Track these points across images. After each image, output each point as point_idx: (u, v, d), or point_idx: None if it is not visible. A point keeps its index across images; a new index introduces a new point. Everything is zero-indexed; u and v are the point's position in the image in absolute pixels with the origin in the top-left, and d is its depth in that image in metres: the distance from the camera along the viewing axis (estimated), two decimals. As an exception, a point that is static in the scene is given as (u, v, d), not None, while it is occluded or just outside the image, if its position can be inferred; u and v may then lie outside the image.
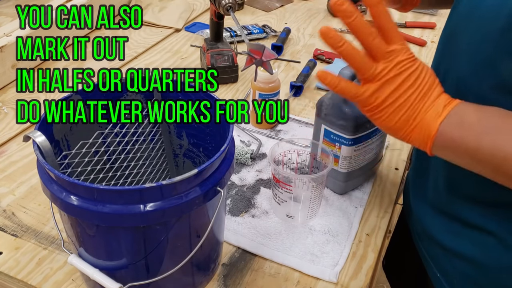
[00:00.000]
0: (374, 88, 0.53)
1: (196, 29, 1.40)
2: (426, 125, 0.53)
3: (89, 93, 0.64)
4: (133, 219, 0.50)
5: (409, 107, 0.53)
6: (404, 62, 0.53)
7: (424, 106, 0.53)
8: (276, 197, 0.76)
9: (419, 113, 0.53)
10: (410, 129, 0.54)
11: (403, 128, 0.54)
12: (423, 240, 0.74)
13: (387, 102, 0.54)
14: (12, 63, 1.10)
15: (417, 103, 0.53)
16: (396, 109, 0.54)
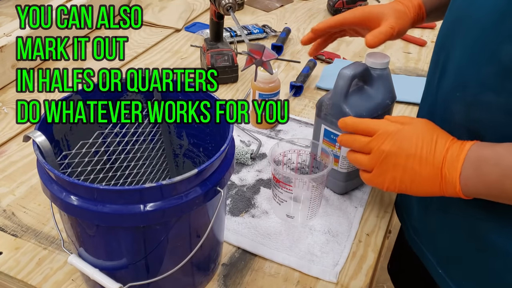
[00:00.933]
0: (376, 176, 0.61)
1: (196, 29, 1.40)
2: (450, 181, 0.56)
3: (89, 93, 0.64)
4: (133, 219, 0.50)
5: (414, 170, 0.58)
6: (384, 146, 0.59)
7: (435, 164, 0.56)
8: (276, 197, 0.76)
9: (437, 172, 0.56)
10: (440, 187, 0.57)
11: (435, 191, 0.58)
12: (419, 234, 0.75)
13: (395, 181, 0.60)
14: (12, 63, 1.10)
15: (420, 165, 0.57)
16: (407, 181, 0.59)
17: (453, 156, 0.56)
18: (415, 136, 0.59)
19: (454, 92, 0.60)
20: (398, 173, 0.59)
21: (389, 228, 0.80)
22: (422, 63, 1.26)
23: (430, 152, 0.57)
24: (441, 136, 0.58)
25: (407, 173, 0.58)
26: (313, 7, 1.58)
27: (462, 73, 0.59)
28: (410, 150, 0.58)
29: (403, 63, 1.26)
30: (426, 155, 0.57)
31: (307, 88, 1.13)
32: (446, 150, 0.56)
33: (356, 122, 0.64)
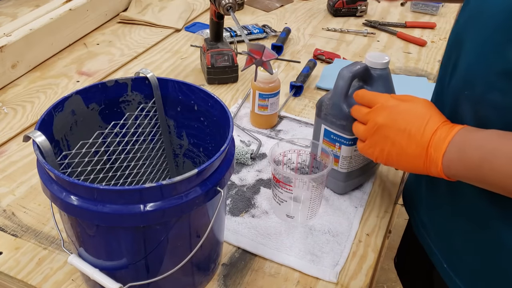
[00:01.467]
0: (367, 146, 0.65)
1: (196, 29, 1.40)
2: (434, 160, 0.57)
3: (89, 93, 0.64)
4: (133, 219, 0.50)
5: (401, 146, 0.60)
6: (379, 118, 0.62)
7: (422, 142, 0.58)
8: (276, 197, 0.76)
9: (422, 150, 0.58)
10: (425, 166, 0.59)
11: (419, 168, 0.60)
12: (427, 229, 0.74)
13: (383, 153, 0.63)
14: (12, 63, 1.10)
15: (408, 142, 0.59)
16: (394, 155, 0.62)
17: (440, 137, 0.57)
18: (409, 113, 0.60)
19: (463, 91, 0.60)
20: (386, 146, 0.62)
21: (389, 228, 0.80)
22: (422, 63, 1.26)
23: (419, 130, 0.59)
24: (434, 117, 0.59)
25: (394, 147, 0.61)
26: (313, 7, 1.58)
27: (471, 71, 0.59)
28: (401, 125, 0.60)
29: (403, 63, 1.26)
30: (415, 132, 0.59)
31: (307, 88, 1.13)
32: (435, 130, 0.58)
33: (363, 94, 0.67)
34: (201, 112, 0.67)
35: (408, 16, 1.55)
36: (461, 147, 0.55)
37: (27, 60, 1.14)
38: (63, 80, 1.13)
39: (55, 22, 1.21)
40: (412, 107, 0.61)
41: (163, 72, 1.18)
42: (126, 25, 1.41)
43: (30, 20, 1.18)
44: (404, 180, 0.89)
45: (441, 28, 1.47)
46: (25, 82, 1.12)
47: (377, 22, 1.46)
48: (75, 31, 1.29)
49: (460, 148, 0.55)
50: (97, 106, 0.66)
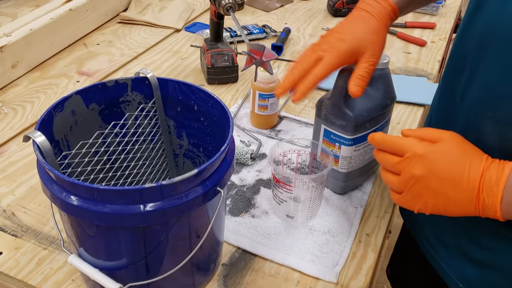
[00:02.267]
0: (406, 199, 0.58)
1: (196, 29, 1.40)
2: (489, 207, 0.53)
3: (89, 93, 0.64)
4: (133, 219, 0.50)
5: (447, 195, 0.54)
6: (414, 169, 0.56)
7: (470, 188, 0.53)
8: (276, 197, 0.76)
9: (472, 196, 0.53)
10: (477, 210, 0.54)
11: (470, 213, 0.55)
12: (435, 248, 0.71)
13: (427, 205, 0.56)
14: (12, 63, 1.10)
15: (454, 189, 0.54)
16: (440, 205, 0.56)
17: (491, 181, 0.52)
18: (446, 158, 0.55)
19: (485, 112, 0.57)
20: (430, 198, 0.56)
21: (389, 228, 0.80)
22: (422, 63, 1.26)
23: (463, 175, 0.54)
24: (475, 157, 0.55)
25: (440, 198, 0.55)
26: (313, 7, 1.58)
27: (495, 91, 0.56)
28: (441, 174, 0.54)
29: (403, 63, 1.26)
30: (459, 179, 0.54)
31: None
32: (482, 172, 0.53)
33: (383, 140, 0.60)
34: (201, 112, 0.67)
35: (408, 16, 1.55)
36: None
37: (27, 60, 1.14)
38: (63, 80, 1.13)
39: (55, 22, 1.21)
40: (446, 149, 0.56)
41: (163, 72, 1.18)
42: (126, 25, 1.41)
43: (30, 20, 1.18)
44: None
45: (441, 28, 1.47)
46: (25, 82, 1.12)
47: (377, 22, 1.46)
48: (75, 31, 1.29)
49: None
50: (97, 106, 0.66)
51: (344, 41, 0.66)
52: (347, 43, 0.65)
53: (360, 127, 0.75)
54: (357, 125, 0.74)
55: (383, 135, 0.61)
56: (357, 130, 0.75)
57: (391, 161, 0.58)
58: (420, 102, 1.07)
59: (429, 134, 0.58)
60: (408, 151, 0.56)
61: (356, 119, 0.73)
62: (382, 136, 0.61)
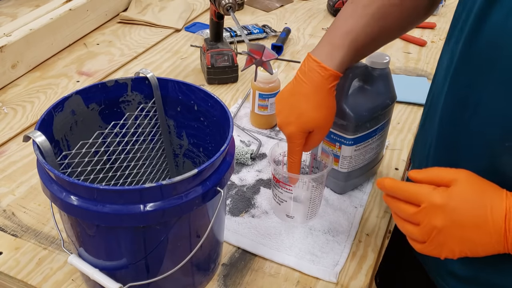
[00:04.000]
0: (430, 248, 0.55)
1: (196, 29, 1.40)
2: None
3: (89, 93, 0.64)
4: (133, 219, 0.50)
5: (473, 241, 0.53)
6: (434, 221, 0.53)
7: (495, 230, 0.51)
8: (276, 197, 0.76)
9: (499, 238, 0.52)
10: (506, 250, 0.52)
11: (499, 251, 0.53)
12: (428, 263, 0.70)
13: (454, 252, 0.54)
14: (12, 63, 1.10)
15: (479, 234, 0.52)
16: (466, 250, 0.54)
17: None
18: (466, 204, 0.53)
19: (502, 141, 0.54)
20: (456, 246, 0.54)
21: (389, 228, 0.80)
22: (422, 63, 1.26)
23: (488, 218, 0.51)
24: (494, 196, 0.52)
25: (466, 245, 0.53)
26: (313, 7, 1.58)
27: (509, 120, 0.53)
28: (464, 222, 0.52)
29: (403, 63, 1.26)
30: (483, 223, 0.51)
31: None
32: (505, 213, 0.51)
33: (395, 187, 0.57)
34: (201, 112, 0.67)
35: (408, 16, 1.55)
36: None
37: (27, 60, 1.14)
38: (63, 80, 1.13)
39: (55, 22, 1.21)
40: (464, 194, 0.53)
41: (163, 72, 1.18)
42: (126, 25, 1.41)
43: (30, 20, 1.18)
44: (403, 180, 0.89)
45: (441, 28, 1.47)
46: (25, 82, 1.12)
47: (377, 22, 1.46)
48: (75, 31, 1.29)
49: None
50: (97, 106, 0.66)
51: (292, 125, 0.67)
52: (295, 126, 0.66)
53: (361, 127, 0.75)
54: (357, 125, 0.74)
55: (394, 181, 0.58)
56: (357, 130, 0.75)
57: (408, 211, 0.55)
58: (420, 102, 1.07)
59: (441, 176, 0.56)
60: (424, 201, 0.54)
61: (356, 119, 0.73)
62: (393, 183, 0.57)
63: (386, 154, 0.93)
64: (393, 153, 0.93)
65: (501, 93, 0.53)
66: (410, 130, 1.00)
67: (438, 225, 0.53)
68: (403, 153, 0.93)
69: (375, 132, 0.78)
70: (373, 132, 0.77)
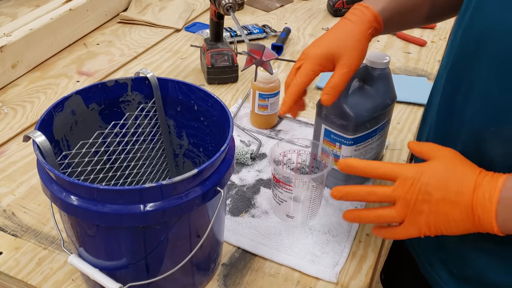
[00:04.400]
0: (408, 226, 0.56)
1: (196, 29, 1.40)
2: (486, 223, 0.52)
3: (89, 93, 0.64)
4: (133, 219, 0.50)
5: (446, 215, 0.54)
6: (410, 195, 0.55)
7: (465, 205, 0.53)
8: (276, 197, 0.76)
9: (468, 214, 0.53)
10: (475, 227, 0.53)
11: (470, 230, 0.54)
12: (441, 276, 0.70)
13: (430, 227, 0.55)
14: (12, 63, 1.10)
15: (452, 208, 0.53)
16: (441, 225, 0.55)
17: (485, 196, 0.51)
18: (439, 177, 0.54)
19: (488, 127, 0.55)
20: (431, 220, 0.55)
21: (389, 228, 0.80)
22: (422, 63, 1.26)
23: (458, 192, 0.53)
24: (467, 173, 0.54)
25: (440, 218, 0.54)
26: (313, 7, 1.58)
27: (497, 106, 0.54)
28: (437, 194, 0.54)
29: (403, 63, 1.26)
30: (454, 197, 0.53)
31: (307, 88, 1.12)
32: (474, 189, 0.52)
33: (369, 167, 0.58)
34: (201, 112, 0.67)
35: (408, 16, 1.55)
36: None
37: (27, 60, 1.14)
38: (63, 80, 1.13)
39: (55, 22, 1.21)
40: (438, 169, 0.55)
41: (163, 72, 1.18)
42: (126, 25, 1.41)
43: (30, 20, 1.18)
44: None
45: (441, 28, 1.47)
46: (25, 82, 1.12)
47: (377, 22, 1.46)
48: (75, 31, 1.29)
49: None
50: (97, 106, 0.66)
51: (318, 47, 0.66)
52: (321, 48, 0.66)
53: (361, 127, 0.75)
54: (357, 125, 0.74)
55: (365, 161, 0.60)
56: (357, 130, 0.75)
57: (385, 193, 0.57)
58: (420, 102, 1.07)
59: (430, 151, 0.58)
60: (399, 176, 0.56)
61: (356, 119, 0.73)
62: (365, 162, 0.59)
63: (386, 154, 0.93)
64: (393, 153, 0.93)
65: (491, 78, 0.54)
66: (410, 130, 1.00)
67: (412, 199, 0.55)
68: (403, 153, 0.93)
69: (375, 132, 0.78)
70: (373, 132, 0.77)
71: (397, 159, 0.92)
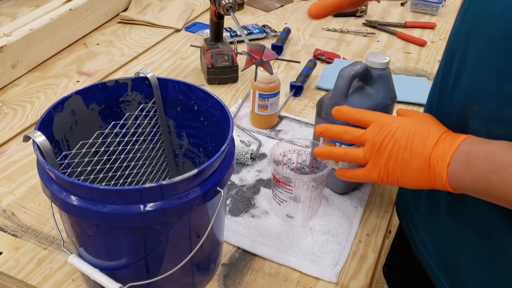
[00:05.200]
0: (370, 167, 0.61)
1: (196, 29, 1.40)
2: (438, 173, 0.55)
3: (89, 93, 0.64)
4: (133, 219, 0.50)
5: (405, 161, 0.58)
6: (378, 137, 0.60)
7: (424, 155, 0.56)
8: (276, 197, 0.76)
9: (425, 163, 0.56)
10: (429, 179, 0.56)
11: (424, 182, 0.57)
12: (432, 256, 0.71)
13: (388, 171, 0.59)
14: (12, 63, 1.10)
15: (411, 156, 0.57)
16: (398, 171, 0.59)
17: (444, 149, 0.55)
18: (409, 128, 0.59)
19: (472, 107, 0.57)
20: (390, 164, 0.59)
21: (389, 228, 0.80)
22: (422, 63, 1.26)
23: (420, 143, 0.57)
24: (434, 128, 0.58)
25: (398, 164, 0.58)
26: (313, 7, 1.58)
27: (480, 86, 0.55)
28: (401, 141, 0.58)
29: (403, 63, 1.26)
30: (416, 146, 0.57)
31: (307, 88, 1.13)
32: (436, 141, 0.56)
33: (350, 112, 0.64)
34: (201, 112, 0.67)
35: (408, 16, 1.55)
36: (468, 159, 0.53)
37: (27, 60, 1.14)
38: (63, 80, 1.13)
39: (55, 22, 1.21)
40: (410, 121, 0.59)
41: (163, 72, 1.18)
42: (126, 25, 1.41)
43: (30, 20, 1.18)
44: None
45: (441, 28, 1.47)
46: (25, 82, 1.12)
47: (377, 22, 1.46)
48: (75, 31, 1.29)
49: (466, 160, 0.53)
50: (97, 106, 0.66)
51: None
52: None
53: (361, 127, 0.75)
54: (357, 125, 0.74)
55: (350, 108, 0.65)
56: (357, 130, 0.75)
57: (357, 133, 0.62)
58: (420, 102, 1.07)
59: (402, 110, 0.65)
60: (374, 121, 0.61)
61: (356, 119, 0.73)
62: (350, 109, 0.64)
63: (386, 154, 0.93)
64: (393, 153, 0.93)
65: (480, 58, 0.55)
66: (410, 130, 1.00)
67: (379, 140, 0.60)
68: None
69: (375, 132, 0.78)
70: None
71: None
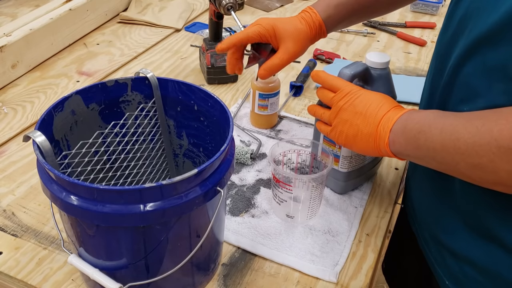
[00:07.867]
0: (331, 128, 0.69)
1: (196, 29, 1.40)
2: (382, 136, 0.62)
3: (89, 93, 0.64)
4: (133, 219, 0.50)
5: (358, 126, 0.64)
6: (341, 102, 0.67)
7: (373, 123, 0.63)
8: (276, 197, 0.76)
9: (374, 129, 0.63)
10: (375, 143, 0.63)
11: (372, 147, 0.64)
12: (430, 246, 0.71)
13: (343, 134, 0.67)
14: (12, 63, 1.10)
15: (363, 122, 0.64)
16: (351, 136, 0.66)
17: (390, 117, 0.62)
18: (367, 98, 0.65)
19: (461, 107, 0.57)
20: (345, 127, 0.66)
21: (389, 228, 0.80)
22: (422, 63, 1.26)
23: (374, 111, 0.63)
24: (388, 101, 0.64)
25: (352, 128, 0.65)
26: (313, 7, 1.58)
27: (471, 87, 0.56)
28: (358, 108, 0.65)
29: (403, 63, 1.26)
30: (369, 114, 0.64)
31: (307, 88, 1.13)
32: (387, 111, 0.62)
33: (326, 78, 0.70)
34: (201, 112, 0.67)
35: (408, 16, 1.55)
36: (405, 124, 0.59)
37: (27, 60, 1.14)
38: (63, 80, 1.13)
39: (55, 22, 1.21)
40: (371, 94, 0.66)
41: (163, 72, 1.18)
42: (126, 25, 1.41)
43: (30, 20, 1.18)
44: (403, 180, 0.89)
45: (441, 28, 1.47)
46: (25, 82, 1.12)
47: (377, 22, 1.46)
48: (75, 31, 1.29)
49: (404, 124, 0.60)
50: (97, 106, 0.66)
51: (273, 20, 0.77)
52: (275, 22, 0.77)
53: None
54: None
55: (326, 73, 0.71)
56: (357, 130, 0.75)
57: (328, 96, 0.69)
58: (420, 102, 1.07)
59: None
60: (341, 89, 0.67)
61: (356, 119, 0.73)
62: (326, 74, 0.70)
63: (386, 154, 0.93)
64: (393, 153, 0.93)
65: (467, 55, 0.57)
66: (410, 130, 1.00)
67: (340, 105, 0.67)
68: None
69: (375, 132, 0.78)
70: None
71: (396, 160, 0.92)
